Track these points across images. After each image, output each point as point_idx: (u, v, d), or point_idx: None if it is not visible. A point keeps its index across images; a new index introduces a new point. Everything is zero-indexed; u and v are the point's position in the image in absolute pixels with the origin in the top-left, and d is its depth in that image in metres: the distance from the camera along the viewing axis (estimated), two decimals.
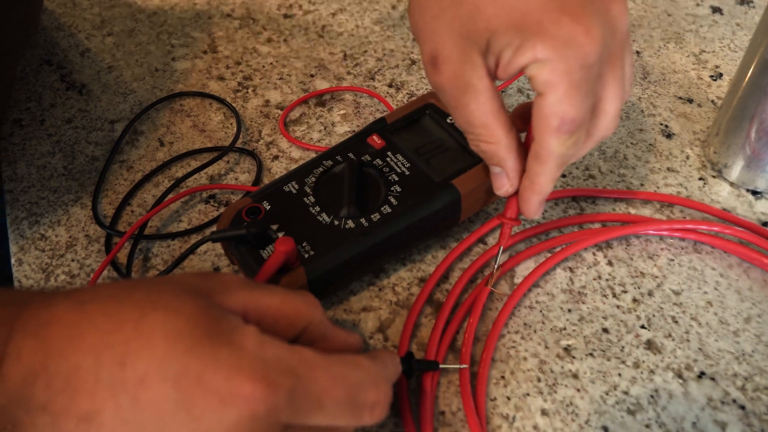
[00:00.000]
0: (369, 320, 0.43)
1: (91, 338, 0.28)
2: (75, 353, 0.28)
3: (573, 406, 0.39)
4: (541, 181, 0.38)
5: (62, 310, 0.29)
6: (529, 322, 0.43)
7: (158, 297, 0.29)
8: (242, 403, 0.27)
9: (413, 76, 0.58)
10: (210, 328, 0.29)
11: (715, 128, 0.50)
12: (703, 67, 0.60)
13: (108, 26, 0.64)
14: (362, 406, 0.31)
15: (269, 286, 0.34)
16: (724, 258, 0.46)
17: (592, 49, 0.33)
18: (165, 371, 0.27)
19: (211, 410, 0.27)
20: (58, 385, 0.27)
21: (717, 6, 0.66)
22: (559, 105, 0.34)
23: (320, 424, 0.30)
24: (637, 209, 0.49)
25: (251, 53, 0.61)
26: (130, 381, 0.27)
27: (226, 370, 0.28)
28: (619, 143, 0.53)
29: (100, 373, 0.27)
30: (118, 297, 0.29)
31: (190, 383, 0.27)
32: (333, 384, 0.30)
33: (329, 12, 0.65)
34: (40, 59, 0.60)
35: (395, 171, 0.44)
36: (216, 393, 0.27)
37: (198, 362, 0.28)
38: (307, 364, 0.30)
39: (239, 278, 0.33)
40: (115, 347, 0.28)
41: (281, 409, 0.28)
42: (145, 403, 0.27)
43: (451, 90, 0.36)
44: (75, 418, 0.27)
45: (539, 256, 0.46)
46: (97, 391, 0.27)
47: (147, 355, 0.28)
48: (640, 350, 0.41)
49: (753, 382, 0.40)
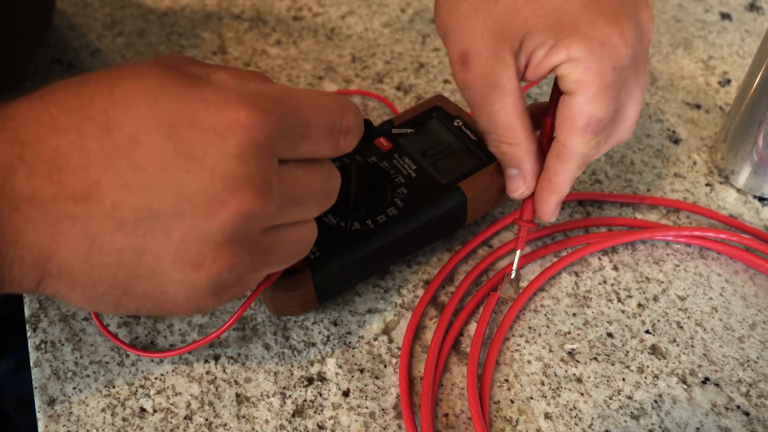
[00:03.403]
0: (374, 322, 0.43)
1: (64, 118, 0.26)
2: (52, 135, 0.26)
3: (576, 410, 0.39)
4: (560, 181, 0.38)
5: (22, 104, 0.27)
6: (533, 326, 0.43)
7: (121, 72, 0.28)
8: (241, 131, 0.27)
9: (421, 80, 0.58)
10: (185, 78, 0.28)
11: (722, 134, 0.50)
12: (711, 73, 0.59)
13: (119, 26, 0.64)
14: (338, 131, 0.31)
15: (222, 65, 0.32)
16: (729, 264, 0.46)
17: (625, 51, 0.34)
18: (155, 124, 0.27)
19: (212, 147, 0.27)
20: (42, 170, 0.26)
21: (726, 12, 0.66)
22: (588, 105, 0.35)
23: (306, 154, 0.31)
24: (644, 214, 0.49)
25: (260, 55, 0.61)
26: (121, 143, 0.26)
27: (216, 105, 0.27)
28: (626, 148, 0.53)
29: (87, 145, 0.26)
30: (79, 81, 0.28)
31: (183, 128, 0.27)
32: (315, 110, 0.30)
33: (338, 14, 0.65)
34: (51, 58, 0.61)
35: (401, 173, 0.44)
36: (212, 129, 0.27)
37: (186, 106, 0.27)
38: (289, 93, 0.30)
39: (190, 57, 0.32)
40: (95, 117, 0.26)
41: (277, 137, 0.28)
42: (144, 161, 0.26)
43: (478, 89, 0.37)
44: (70, 200, 0.26)
45: (545, 260, 0.46)
46: (88, 165, 0.26)
47: (132, 114, 0.27)
48: (645, 355, 0.41)
49: (757, 389, 0.40)
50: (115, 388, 0.39)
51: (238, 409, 0.39)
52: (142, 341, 0.41)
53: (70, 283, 0.28)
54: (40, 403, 0.39)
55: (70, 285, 0.28)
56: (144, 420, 0.38)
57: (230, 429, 0.38)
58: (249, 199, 0.28)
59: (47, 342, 0.41)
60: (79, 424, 0.38)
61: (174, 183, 0.27)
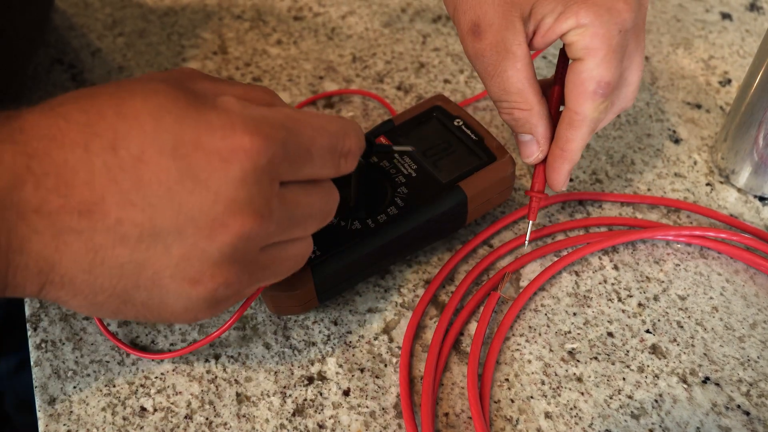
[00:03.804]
0: (374, 321, 0.43)
1: (73, 133, 0.27)
2: (60, 150, 0.26)
3: (577, 410, 0.39)
4: (572, 148, 0.40)
5: (33, 116, 0.27)
6: (534, 326, 0.43)
7: (130, 86, 0.29)
8: (244, 156, 0.28)
9: (422, 79, 0.58)
10: (191, 99, 0.29)
11: (723, 134, 0.50)
12: (711, 73, 0.59)
13: (119, 26, 0.64)
14: (339, 154, 0.32)
15: (228, 80, 0.33)
16: (730, 264, 0.46)
17: (629, 15, 0.37)
18: (161, 145, 0.27)
19: (216, 170, 0.27)
20: (49, 183, 0.26)
21: (726, 12, 0.66)
22: (597, 69, 0.37)
23: (308, 176, 0.31)
24: (644, 214, 0.49)
25: (261, 55, 0.61)
26: (127, 162, 0.27)
27: (221, 129, 0.28)
28: (626, 148, 0.53)
29: (93, 162, 0.27)
30: (89, 95, 0.28)
31: (188, 150, 0.27)
32: (318, 134, 0.31)
33: (339, 14, 0.65)
34: (52, 59, 0.61)
35: (402, 173, 0.44)
36: (217, 153, 0.28)
37: (191, 129, 0.28)
38: (292, 117, 0.31)
39: (200, 71, 0.33)
40: (102, 135, 0.27)
41: (279, 161, 0.29)
42: (148, 180, 0.27)
43: (491, 56, 0.38)
44: (75, 213, 0.26)
45: (545, 260, 0.46)
46: (94, 180, 0.27)
47: (137, 133, 0.27)
48: (645, 355, 0.41)
49: (758, 388, 0.40)
50: (116, 387, 0.39)
51: (238, 408, 0.39)
52: (142, 340, 0.41)
53: (72, 291, 0.28)
54: (41, 402, 0.39)
55: (72, 293, 0.29)
56: (144, 419, 0.38)
57: (230, 428, 0.38)
58: (249, 222, 0.29)
59: (48, 341, 0.41)
60: (79, 423, 0.38)
61: (177, 203, 0.27)
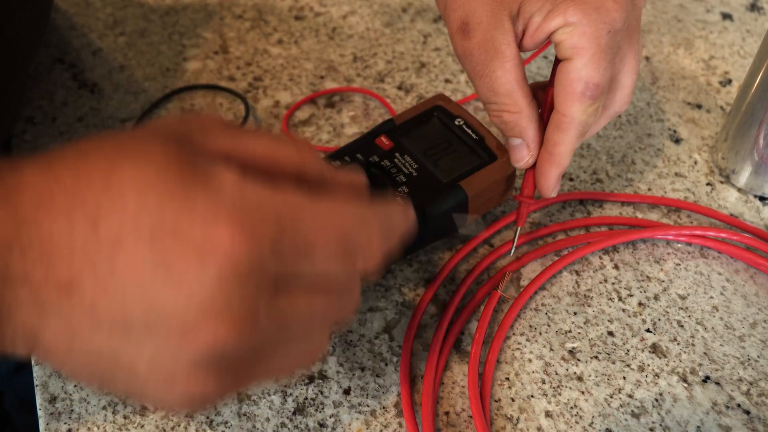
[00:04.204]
0: (375, 320, 0.43)
1: (61, 200, 0.25)
2: (47, 218, 0.25)
3: (577, 409, 0.39)
4: (560, 152, 0.39)
5: (31, 173, 0.26)
6: (534, 325, 0.43)
7: (128, 146, 0.27)
8: (222, 255, 0.24)
9: (422, 79, 0.59)
10: (184, 173, 0.26)
11: (723, 134, 0.50)
12: (712, 73, 0.60)
13: (120, 26, 0.64)
14: (355, 250, 0.28)
15: (257, 131, 0.30)
16: (730, 263, 0.46)
17: (618, 15, 0.35)
18: (139, 228, 0.25)
19: (191, 266, 0.24)
20: (34, 253, 0.25)
21: (727, 12, 0.66)
22: (585, 69, 0.36)
23: (311, 276, 0.27)
24: (645, 213, 0.49)
25: (262, 54, 0.61)
26: (104, 243, 0.25)
27: (203, 219, 0.25)
28: (627, 148, 0.53)
29: (74, 237, 0.25)
30: (86, 152, 0.26)
31: (165, 237, 0.24)
32: (322, 226, 0.27)
33: (340, 14, 0.65)
34: (53, 58, 0.61)
35: (403, 172, 0.44)
36: (194, 245, 0.24)
37: (172, 213, 0.25)
38: (292, 206, 0.27)
39: (221, 119, 0.30)
40: (86, 207, 0.25)
41: (266, 260, 0.25)
42: (122, 266, 0.25)
43: (479, 56, 0.37)
44: (55, 288, 0.25)
45: (546, 259, 0.46)
46: (73, 257, 0.25)
47: (119, 211, 0.25)
48: (645, 354, 0.41)
49: (758, 387, 0.40)
50: None
51: (239, 407, 0.39)
52: None
53: (58, 363, 0.27)
54: (41, 401, 0.39)
55: (58, 364, 0.27)
56: (145, 418, 0.38)
57: (231, 427, 0.38)
58: (224, 331, 0.25)
59: None
60: (80, 422, 0.38)
61: (148, 298, 0.25)
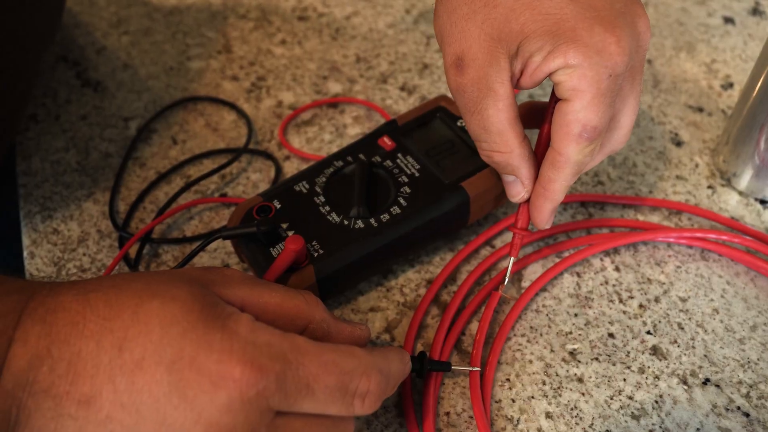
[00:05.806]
0: (376, 320, 0.43)
1: (93, 325, 0.29)
2: (78, 339, 0.29)
3: (577, 410, 0.39)
4: (554, 188, 0.38)
5: (68, 298, 0.30)
6: (535, 326, 0.43)
7: (156, 286, 0.31)
8: (233, 385, 0.28)
9: (425, 80, 0.59)
10: (205, 314, 0.30)
11: (724, 137, 0.51)
12: (714, 77, 0.60)
13: (124, 25, 0.64)
14: (352, 394, 0.31)
15: (271, 284, 0.35)
16: (731, 266, 0.46)
17: (620, 59, 0.34)
18: (160, 355, 0.28)
19: (203, 392, 0.28)
20: (61, 369, 0.28)
21: (729, 16, 0.66)
22: (583, 112, 0.35)
23: (311, 410, 0.31)
24: (646, 216, 0.49)
25: (265, 54, 0.61)
26: (127, 364, 0.28)
27: (218, 353, 0.29)
28: (628, 150, 0.53)
29: (100, 357, 0.28)
30: (119, 286, 0.30)
31: (183, 366, 0.28)
32: (323, 370, 0.30)
33: (343, 15, 0.65)
34: (57, 56, 0.61)
35: (405, 172, 0.44)
36: (208, 375, 0.28)
37: (192, 346, 0.29)
38: (298, 349, 0.30)
39: (242, 273, 0.34)
40: (115, 333, 0.29)
41: (271, 393, 0.29)
42: (140, 386, 0.28)
43: (471, 92, 0.36)
44: (75, 402, 0.28)
45: (547, 261, 0.46)
46: (96, 375, 0.28)
47: (144, 339, 0.29)
48: (646, 356, 0.41)
49: (758, 390, 0.40)
50: None
51: None
52: None
53: None
54: None
55: None
56: None
57: None
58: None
59: None
60: None
61: (162, 415, 0.28)
